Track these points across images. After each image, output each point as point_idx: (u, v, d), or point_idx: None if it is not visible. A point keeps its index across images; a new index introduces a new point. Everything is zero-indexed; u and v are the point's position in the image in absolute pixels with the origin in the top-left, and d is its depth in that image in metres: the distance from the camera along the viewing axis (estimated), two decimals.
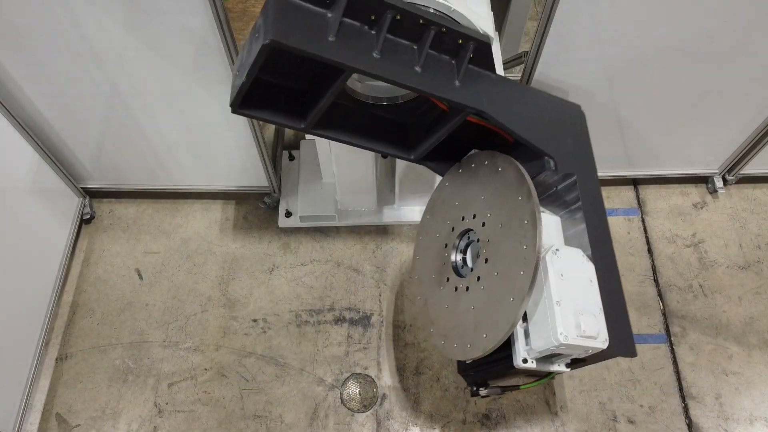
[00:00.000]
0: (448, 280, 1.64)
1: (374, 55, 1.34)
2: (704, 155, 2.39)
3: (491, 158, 1.59)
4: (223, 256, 2.39)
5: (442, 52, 1.43)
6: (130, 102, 2.01)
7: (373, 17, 1.33)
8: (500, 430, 2.04)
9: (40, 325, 2.15)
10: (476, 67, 1.47)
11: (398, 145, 1.69)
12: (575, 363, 1.51)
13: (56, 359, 2.18)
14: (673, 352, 2.18)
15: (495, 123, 1.49)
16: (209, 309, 2.27)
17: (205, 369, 2.16)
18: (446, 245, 1.68)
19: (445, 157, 1.74)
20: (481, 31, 1.53)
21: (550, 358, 1.48)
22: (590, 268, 1.47)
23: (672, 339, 2.20)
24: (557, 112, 1.64)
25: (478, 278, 1.51)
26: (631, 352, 1.48)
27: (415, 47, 1.40)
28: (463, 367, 1.79)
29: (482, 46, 1.44)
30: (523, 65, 1.97)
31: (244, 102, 1.44)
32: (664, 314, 2.25)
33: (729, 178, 2.47)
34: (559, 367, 1.49)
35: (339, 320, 2.25)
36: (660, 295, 2.29)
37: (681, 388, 2.11)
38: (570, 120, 1.65)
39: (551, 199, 1.62)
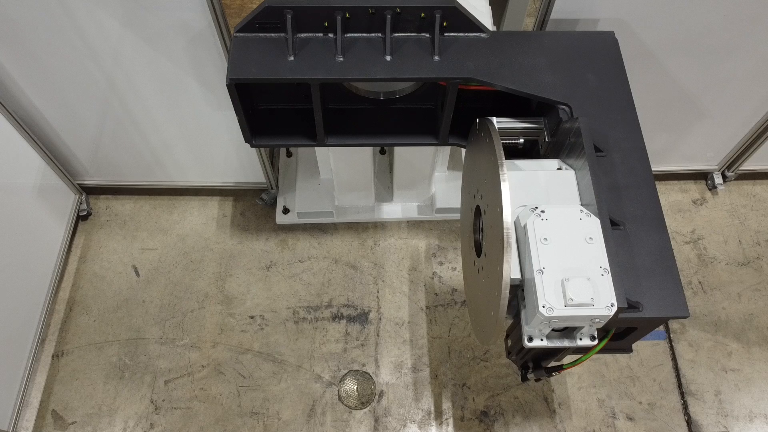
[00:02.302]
0: (474, 260, 1.54)
1: (338, 59, 1.37)
2: (703, 151, 2.38)
3: (474, 126, 1.50)
4: (220, 253, 2.38)
5: (411, 31, 1.41)
6: (126, 98, 2.00)
7: (326, 23, 1.36)
8: (499, 426, 2.03)
9: (36, 322, 2.14)
10: (456, 33, 1.43)
11: (422, 133, 1.65)
12: (621, 335, 1.33)
13: (52, 356, 2.17)
14: (672, 348, 2.17)
15: (489, 85, 1.43)
16: (206, 306, 2.27)
17: (202, 366, 2.15)
18: (471, 233, 1.59)
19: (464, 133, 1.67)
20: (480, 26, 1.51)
21: (570, 332, 1.31)
22: (591, 223, 1.27)
23: (671, 336, 2.19)
24: (576, 50, 1.52)
25: (486, 255, 1.42)
26: (683, 312, 1.25)
27: (381, 36, 1.40)
28: (507, 352, 1.68)
29: (451, 11, 1.39)
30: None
31: (254, 133, 1.54)
32: None
33: (728, 174, 2.46)
34: (584, 341, 1.29)
35: (336, 317, 2.24)
36: None
37: (680, 385, 2.10)
38: (595, 53, 1.51)
39: (572, 147, 1.43)
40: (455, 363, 2.14)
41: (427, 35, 1.42)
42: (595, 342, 1.29)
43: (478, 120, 1.47)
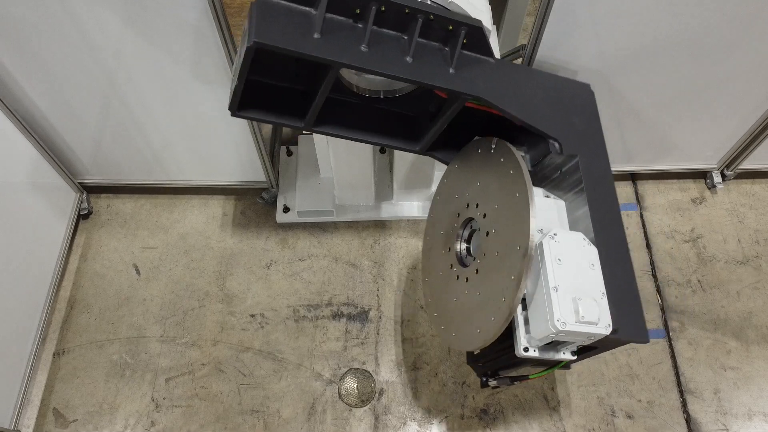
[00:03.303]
0: (452, 267, 1.63)
1: (362, 48, 1.34)
2: (703, 150, 2.38)
3: (488, 144, 1.57)
4: (220, 252, 2.39)
5: (433, 39, 1.42)
6: (127, 97, 2.01)
7: (357, 11, 1.33)
8: (498, 424, 2.04)
9: (37, 321, 2.15)
10: (471, 53, 1.45)
11: (403, 138, 1.67)
12: (584, 351, 1.46)
13: (53, 354, 2.18)
14: (671, 347, 2.18)
15: (494, 108, 1.47)
16: (207, 304, 2.27)
17: (203, 364, 2.15)
18: (450, 239, 1.67)
19: (453, 146, 1.72)
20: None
21: (555, 345, 1.44)
22: (592, 251, 1.42)
23: (670, 334, 2.20)
24: (563, 93, 1.60)
25: (477, 269, 1.51)
26: (643, 338, 1.41)
27: (405, 37, 1.39)
28: (472, 358, 1.76)
29: (474, 31, 1.42)
30: (520, 59, 1.97)
31: (241, 105, 1.44)
32: (662, 309, 2.25)
33: (728, 173, 2.46)
34: (564, 355, 1.44)
35: (337, 315, 2.24)
36: (658, 290, 2.29)
37: (679, 383, 2.11)
38: (578, 99, 1.61)
39: (558, 181, 1.58)
40: (455, 361, 2.15)
41: (445, 47, 1.44)
42: (575, 357, 1.45)
43: (496, 140, 1.52)
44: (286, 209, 2.45)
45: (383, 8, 1.33)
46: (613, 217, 1.48)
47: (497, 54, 1.80)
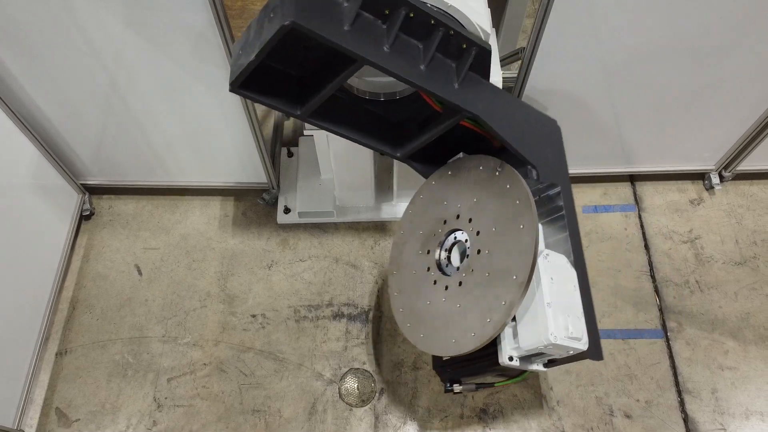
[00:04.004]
0: (429, 270, 1.67)
1: (384, 49, 1.36)
2: (701, 152, 2.40)
3: (492, 165, 1.61)
4: (222, 252, 2.40)
5: (445, 53, 1.45)
6: (129, 98, 2.02)
7: (387, 11, 1.35)
8: (498, 424, 2.05)
9: (40, 321, 2.16)
10: (473, 73, 1.50)
11: (386, 142, 1.71)
12: (550, 363, 1.59)
13: (56, 354, 2.19)
14: (669, 347, 2.19)
15: (488, 128, 1.52)
16: (208, 304, 2.29)
17: (204, 364, 2.17)
18: (431, 243, 1.70)
19: (428, 158, 1.78)
20: (479, 28, 1.54)
21: (530, 357, 1.54)
22: (573, 273, 1.55)
23: (668, 334, 2.21)
24: (539, 124, 1.70)
25: (460, 281, 1.56)
26: (600, 356, 1.55)
27: (421, 46, 1.42)
28: (439, 364, 1.79)
29: (483, 53, 1.47)
30: (520, 61, 1.98)
31: (244, 82, 1.42)
32: (660, 309, 2.26)
33: (725, 174, 2.48)
34: (537, 366, 1.55)
35: (337, 316, 2.26)
36: (656, 290, 2.30)
37: (677, 383, 2.12)
38: (549, 133, 1.72)
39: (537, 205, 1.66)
40: None
41: (452, 62, 1.47)
42: (545, 368, 1.56)
43: (501, 164, 1.57)
44: (286, 210, 2.46)
45: (412, 14, 1.36)
46: (579, 244, 1.61)
47: (497, 56, 1.82)
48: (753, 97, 2.09)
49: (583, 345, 1.46)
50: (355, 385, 2.13)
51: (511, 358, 1.51)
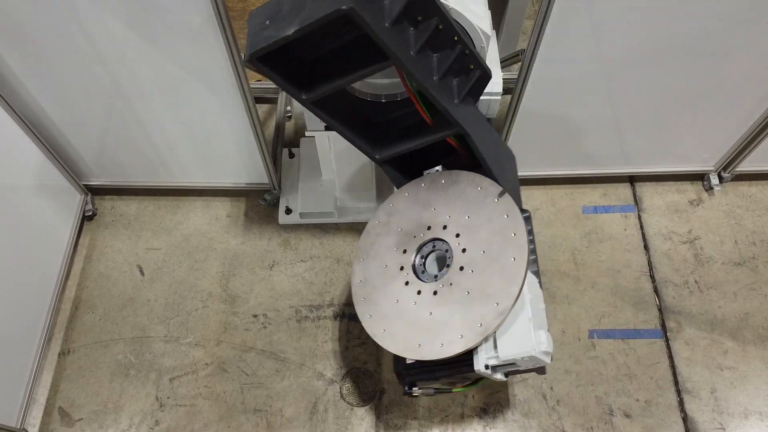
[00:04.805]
0: (402, 270, 1.69)
1: (411, 53, 1.39)
2: (700, 153, 2.41)
3: (493, 190, 1.65)
4: (223, 253, 2.41)
5: (453, 68, 1.50)
6: (131, 100, 2.03)
7: (420, 17, 1.37)
8: (498, 423, 2.06)
9: (42, 321, 2.17)
10: (468, 95, 1.55)
11: (368, 142, 1.72)
12: (511, 373, 1.66)
13: (59, 354, 2.20)
14: (668, 347, 2.20)
15: (473, 148, 1.59)
16: (210, 305, 2.30)
17: (206, 364, 2.18)
18: (409, 243, 1.71)
19: (401, 166, 1.82)
20: (480, 31, 1.55)
21: (498, 366, 1.60)
22: (541, 292, 1.64)
23: (668, 334, 2.22)
24: (504, 152, 1.78)
25: (436, 291, 1.60)
26: (544, 372, 1.68)
27: (435, 58, 1.46)
28: (403, 366, 1.77)
29: (485, 78, 1.53)
30: (520, 63, 1.99)
31: (263, 56, 1.36)
32: (660, 310, 2.27)
33: (725, 175, 2.49)
34: (500, 376, 1.60)
35: (338, 315, 2.27)
36: (656, 290, 2.32)
37: (676, 383, 2.13)
38: (509, 160, 1.79)
39: None
40: None
41: (454, 79, 1.52)
42: (506, 378, 1.63)
43: (502, 192, 1.61)
44: (288, 211, 2.48)
45: (441, 27, 1.39)
46: (538, 272, 1.71)
47: (497, 59, 1.83)
48: (752, 98, 2.10)
49: (548, 358, 1.53)
50: (357, 385, 2.14)
51: (487, 367, 1.55)
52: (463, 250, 1.60)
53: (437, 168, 1.77)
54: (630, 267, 2.36)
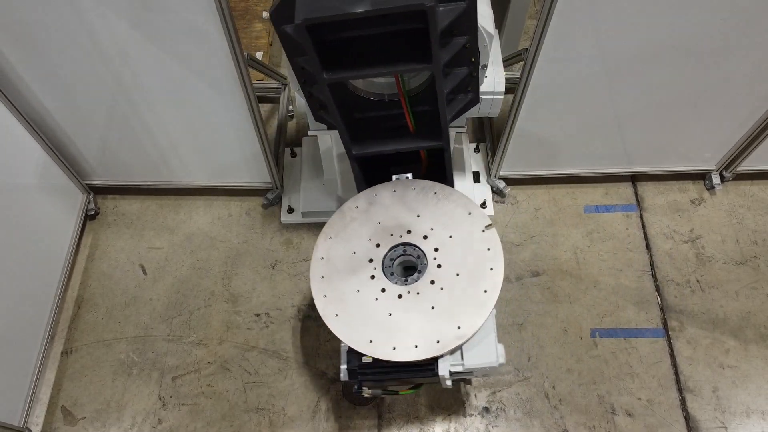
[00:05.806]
0: (371, 262, 1.69)
1: (441, 63, 1.43)
2: (702, 152, 2.41)
3: (482, 219, 1.69)
4: (226, 252, 2.42)
5: (459, 88, 1.56)
6: (134, 99, 2.04)
7: (455, 33, 1.41)
8: (500, 422, 2.06)
9: (45, 320, 2.18)
10: (457, 114, 1.64)
11: (351, 134, 1.73)
12: (459, 380, 1.76)
13: (62, 353, 2.21)
14: (670, 346, 2.20)
15: (446, 162, 1.68)
16: (212, 304, 2.30)
17: (209, 363, 2.18)
18: (384, 238, 1.72)
19: (364, 166, 1.85)
20: (483, 30, 1.56)
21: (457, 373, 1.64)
22: (494, 311, 1.66)
23: (670, 333, 2.23)
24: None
25: (401, 295, 1.62)
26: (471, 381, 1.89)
27: (452, 72, 1.51)
28: (358, 366, 1.76)
29: (474, 101, 1.61)
30: (522, 62, 2.00)
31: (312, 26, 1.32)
32: (662, 309, 2.28)
33: (726, 174, 2.49)
34: (449, 383, 1.63)
35: None
36: (658, 290, 2.32)
37: (678, 382, 2.14)
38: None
39: None
40: None
41: (450, 95, 1.59)
42: (451, 385, 1.65)
43: (490, 225, 1.66)
44: (290, 210, 2.48)
45: (467, 45, 1.43)
46: None
47: (500, 58, 1.83)
48: (754, 97, 2.10)
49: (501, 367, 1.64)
50: None
51: (450, 373, 1.58)
52: (438, 266, 1.63)
53: (407, 175, 1.80)
54: (632, 266, 2.36)
